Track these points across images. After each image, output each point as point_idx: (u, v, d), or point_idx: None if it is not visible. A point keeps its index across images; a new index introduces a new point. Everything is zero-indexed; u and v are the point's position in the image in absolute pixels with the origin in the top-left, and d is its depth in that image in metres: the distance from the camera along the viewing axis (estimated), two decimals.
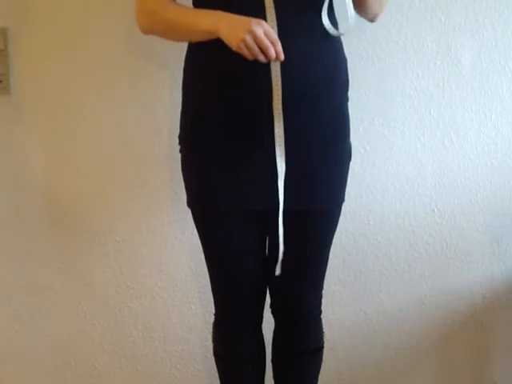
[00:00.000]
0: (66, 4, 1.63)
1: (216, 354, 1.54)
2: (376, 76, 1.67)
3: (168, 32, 1.33)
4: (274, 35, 1.18)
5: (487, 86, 1.69)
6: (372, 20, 1.40)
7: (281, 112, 1.24)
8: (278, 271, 1.37)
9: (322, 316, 1.52)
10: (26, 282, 1.80)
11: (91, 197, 1.74)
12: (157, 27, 1.33)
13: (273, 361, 1.57)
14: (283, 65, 1.23)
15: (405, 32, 1.65)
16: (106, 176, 1.73)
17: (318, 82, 1.28)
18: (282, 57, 1.19)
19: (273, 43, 1.17)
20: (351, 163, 1.42)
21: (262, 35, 1.16)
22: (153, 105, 1.68)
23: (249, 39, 1.16)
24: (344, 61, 1.36)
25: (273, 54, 1.17)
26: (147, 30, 1.36)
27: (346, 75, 1.37)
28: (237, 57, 1.20)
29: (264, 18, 1.22)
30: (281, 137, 1.25)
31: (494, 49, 1.66)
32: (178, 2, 1.35)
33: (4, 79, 1.66)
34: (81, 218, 1.76)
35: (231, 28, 1.18)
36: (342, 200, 1.41)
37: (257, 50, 1.17)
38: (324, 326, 1.53)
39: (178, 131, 1.40)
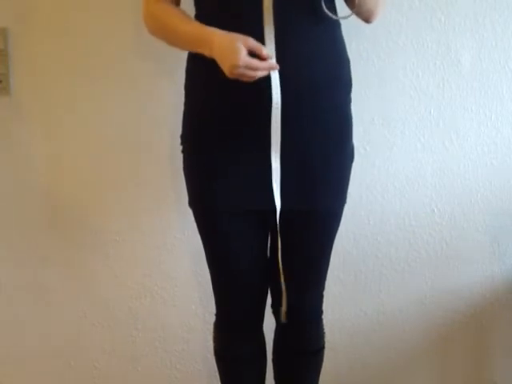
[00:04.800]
0: (66, 4, 1.63)
1: (217, 353, 1.54)
2: (376, 76, 1.67)
3: (167, 40, 1.33)
4: (264, 50, 1.17)
5: (487, 85, 1.69)
6: (367, 20, 1.38)
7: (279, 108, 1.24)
8: (283, 319, 1.39)
9: (322, 316, 1.52)
10: (26, 282, 1.80)
11: (91, 197, 1.74)
12: (158, 32, 1.34)
13: (274, 361, 1.57)
14: (283, 66, 1.23)
15: (405, 32, 1.65)
16: (106, 176, 1.73)
17: (319, 82, 1.28)
18: (277, 67, 1.19)
19: (264, 59, 1.17)
20: None
21: (246, 70, 1.15)
22: (153, 105, 1.68)
23: (236, 72, 1.16)
24: (347, 62, 1.36)
25: (264, 73, 1.18)
26: (152, 33, 1.35)
27: (349, 76, 1.37)
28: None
29: (261, 18, 1.22)
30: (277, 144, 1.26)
31: (493, 49, 1.66)
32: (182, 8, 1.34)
33: (4, 79, 1.66)
34: (81, 218, 1.76)
35: (221, 60, 1.18)
36: (345, 201, 1.41)
37: (248, 75, 1.17)
38: (324, 326, 1.53)
39: (178, 131, 1.41)
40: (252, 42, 1.17)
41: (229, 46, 1.17)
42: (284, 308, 1.38)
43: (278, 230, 1.31)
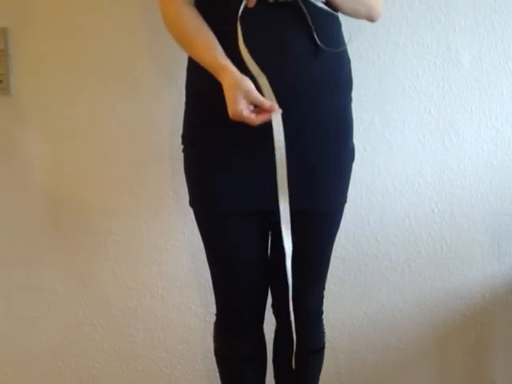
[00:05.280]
0: (67, 4, 1.63)
1: (217, 353, 1.54)
2: (376, 76, 1.67)
3: (182, 47, 1.31)
4: (262, 102, 1.18)
5: (487, 85, 1.69)
6: (369, 20, 1.39)
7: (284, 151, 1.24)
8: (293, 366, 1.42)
9: (322, 316, 1.52)
10: (26, 282, 1.80)
11: (91, 197, 1.74)
12: (175, 37, 1.31)
13: (274, 361, 1.57)
14: (283, 65, 1.24)
15: (405, 32, 1.65)
16: (106, 176, 1.73)
17: (320, 82, 1.28)
18: (279, 111, 1.20)
19: (264, 109, 1.18)
20: None
21: (245, 118, 1.17)
22: (153, 105, 1.68)
23: (238, 118, 1.18)
24: (347, 61, 1.36)
25: (263, 121, 1.19)
26: (171, 35, 1.33)
27: (350, 76, 1.37)
28: (239, 59, 1.21)
29: None
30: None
31: (494, 49, 1.66)
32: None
33: (4, 79, 1.66)
34: (81, 218, 1.76)
35: (226, 98, 1.19)
36: (345, 200, 1.42)
37: (246, 123, 1.18)
38: (324, 326, 1.54)
39: (178, 131, 1.41)
40: (254, 96, 1.18)
41: (230, 94, 1.18)
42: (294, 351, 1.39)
43: (289, 276, 1.31)
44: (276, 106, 1.20)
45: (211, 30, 1.26)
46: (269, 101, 1.19)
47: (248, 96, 1.18)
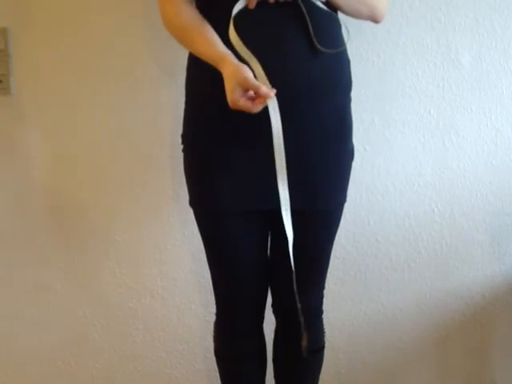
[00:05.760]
0: (67, 4, 1.63)
1: (217, 353, 1.54)
2: (376, 76, 1.67)
3: (182, 45, 1.33)
4: (258, 87, 1.17)
5: (487, 85, 1.69)
6: (373, 21, 1.39)
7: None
8: (304, 354, 1.37)
9: (322, 316, 1.52)
10: (26, 282, 1.80)
11: (91, 197, 1.74)
12: (174, 35, 1.32)
13: (274, 361, 1.57)
14: (283, 65, 1.24)
15: (405, 32, 1.65)
16: (106, 176, 1.73)
17: (320, 82, 1.28)
18: (272, 95, 1.18)
19: (259, 95, 1.17)
20: None
21: (242, 107, 1.17)
22: (153, 105, 1.68)
23: (236, 107, 1.18)
24: (347, 61, 1.36)
25: (260, 107, 1.18)
26: (170, 34, 1.34)
27: (349, 76, 1.37)
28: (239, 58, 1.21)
29: None
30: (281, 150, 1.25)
31: (494, 49, 1.66)
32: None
33: (4, 79, 1.66)
34: (81, 218, 1.76)
35: (225, 88, 1.20)
36: (344, 200, 1.42)
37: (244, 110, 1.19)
38: (324, 326, 1.53)
39: (178, 132, 1.41)
40: (250, 83, 1.17)
41: (228, 84, 1.18)
42: (305, 343, 1.35)
43: (292, 262, 1.30)
44: (271, 92, 1.18)
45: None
46: (265, 87, 1.18)
47: (245, 83, 1.17)
